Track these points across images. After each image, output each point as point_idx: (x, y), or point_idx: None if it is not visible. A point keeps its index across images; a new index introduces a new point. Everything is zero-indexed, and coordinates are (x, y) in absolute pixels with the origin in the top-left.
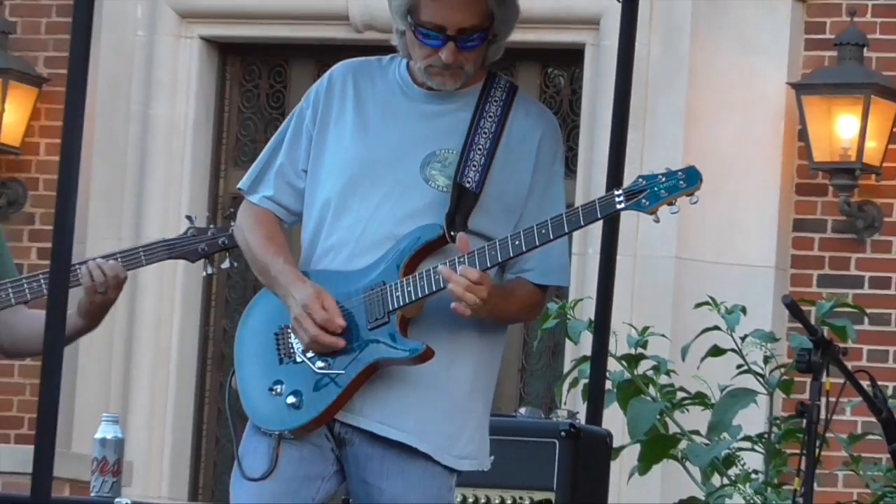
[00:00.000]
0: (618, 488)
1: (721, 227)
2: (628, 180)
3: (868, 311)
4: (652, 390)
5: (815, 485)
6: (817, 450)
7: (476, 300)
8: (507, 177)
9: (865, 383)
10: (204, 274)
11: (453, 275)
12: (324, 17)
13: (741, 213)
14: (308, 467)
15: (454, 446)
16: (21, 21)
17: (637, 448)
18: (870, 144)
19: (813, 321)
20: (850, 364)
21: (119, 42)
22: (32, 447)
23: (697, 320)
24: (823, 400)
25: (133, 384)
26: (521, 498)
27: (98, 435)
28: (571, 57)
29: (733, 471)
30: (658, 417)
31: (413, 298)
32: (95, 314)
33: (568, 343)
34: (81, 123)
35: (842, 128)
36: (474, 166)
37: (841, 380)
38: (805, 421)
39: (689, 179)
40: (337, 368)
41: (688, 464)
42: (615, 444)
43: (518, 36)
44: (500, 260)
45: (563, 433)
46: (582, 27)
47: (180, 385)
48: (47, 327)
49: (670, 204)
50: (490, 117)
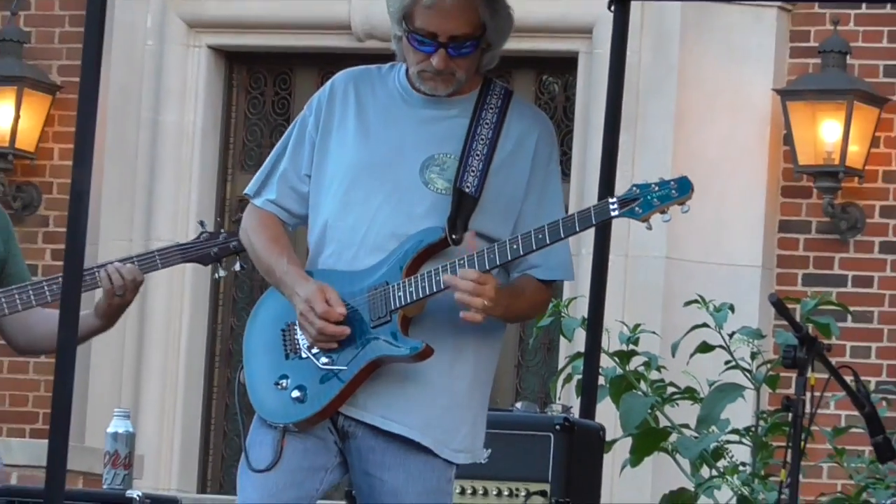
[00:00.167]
0: (610, 480)
1: (709, 228)
2: (620, 182)
3: (851, 309)
4: (643, 385)
5: (801, 476)
6: (802, 442)
7: (483, 303)
8: (505, 179)
9: (849, 378)
10: (216, 276)
11: (458, 283)
12: (327, 27)
13: (728, 215)
14: (312, 459)
15: (453, 440)
16: (35, 31)
17: (629, 441)
18: (853, 148)
19: (798, 319)
20: (834, 360)
21: (129, 51)
22: (47, 441)
23: (687, 318)
24: (808, 394)
25: (144, 380)
26: (518, 489)
27: (110, 429)
28: (565, 64)
29: (722, 463)
30: (649, 411)
31: (415, 298)
32: (112, 315)
33: (562, 340)
34: (94, 129)
35: (825, 132)
36: (473, 171)
37: (825, 375)
38: (791, 415)
39: (681, 189)
40: (340, 364)
41: (678, 456)
42: (608, 438)
43: (514, 44)
44: (499, 263)
45: (558, 427)
46: (575, 36)
47: (189, 381)
48: (61, 326)
49: (662, 212)
50: (487, 123)
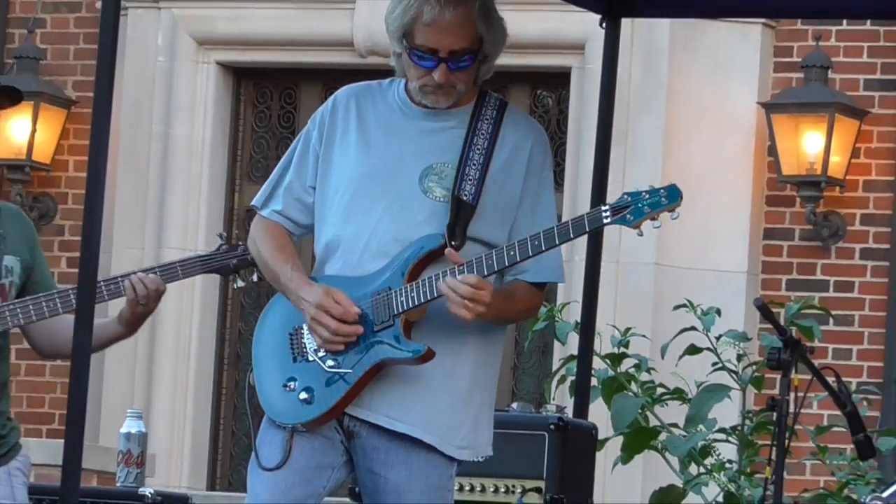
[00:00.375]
0: (603, 477)
1: (697, 236)
2: (611, 193)
3: (833, 313)
4: (634, 386)
5: (785, 473)
6: (787, 441)
7: (480, 309)
8: (501, 186)
9: (831, 379)
10: (234, 286)
11: (458, 287)
12: (330, 44)
13: (715, 223)
14: (319, 458)
15: (455, 437)
16: (51, 48)
17: (620, 440)
18: (834, 159)
19: (782, 322)
20: (817, 361)
21: (141, 67)
22: (63, 441)
23: (675, 322)
24: (792, 395)
25: (155, 383)
26: (514, 486)
27: (123, 429)
28: (559, 80)
29: (709, 460)
30: (639, 411)
31: (416, 303)
32: (135, 323)
33: (556, 343)
34: (107, 142)
35: (808, 144)
36: (470, 180)
37: (808, 376)
38: (775, 414)
39: (671, 197)
40: (346, 367)
41: (667, 454)
42: (600, 436)
43: (509, 60)
44: (497, 269)
45: (552, 426)
46: (568, 52)
47: (199, 383)
48: (76, 331)
49: (653, 219)
50: (483, 134)
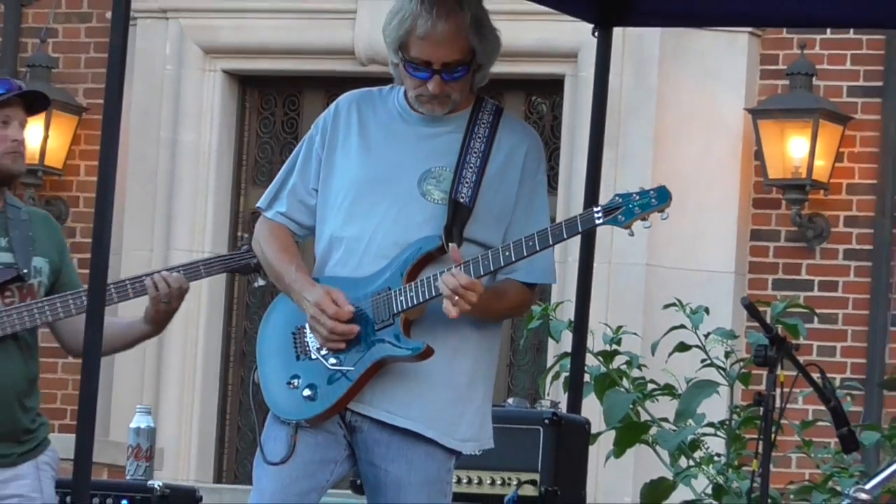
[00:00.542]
0: (595, 470)
1: (686, 237)
2: (604, 196)
3: (817, 312)
4: (625, 382)
5: (771, 466)
6: (773, 435)
7: (465, 307)
8: (497, 189)
9: (816, 376)
10: (255, 285)
11: (449, 282)
12: (332, 53)
13: (704, 225)
14: (323, 452)
15: (457, 430)
16: (63, 57)
17: (612, 434)
18: (818, 163)
19: (768, 320)
20: (802, 358)
21: (150, 75)
22: (74, 436)
23: (665, 320)
24: (778, 390)
25: (164, 379)
26: (510, 478)
27: (133, 424)
28: (552, 87)
29: (698, 454)
30: (631, 407)
31: (415, 303)
32: (160, 321)
33: (550, 341)
34: (117, 148)
35: (793, 148)
36: (467, 183)
37: (794, 372)
38: (762, 409)
39: (661, 198)
40: (348, 365)
41: (658, 448)
42: (593, 431)
43: (505, 68)
44: (493, 269)
45: (547, 421)
46: (562, 60)
47: (206, 379)
48: (86, 330)
49: (643, 220)
50: (479, 138)
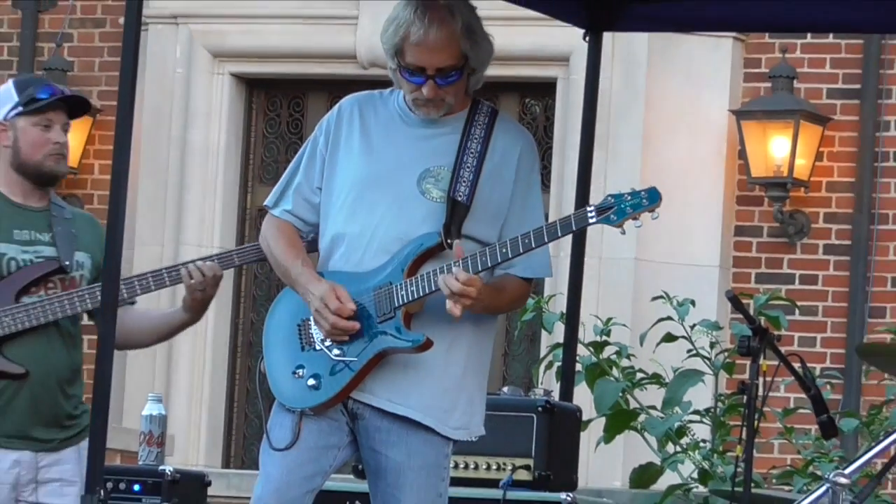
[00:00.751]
0: (586, 455)
1: (673, 233)
2: (594, 193)
3: (798, 304)
4: (615, 372)
5: (755, 451)
6: (756, 422)
7: (466, 302)
8: (492, 188)
9: (797, 365)
10: None
11: (449, 283)
12: (335, 56)
13: (690, 221)
14: (326, 438)
15: (450, 419)
16: (78, 60)
17: (603, 421)
18: (799, 162)
19: (752, 312)
20: (784, 349)
21: (161, 78)
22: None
23: (653, 312)
24: (761, 379)
25: (174, 368)
26: (505, 463)
27: (145, 412)
28: (545, 89)
29: (684, 440)
30: (620, 395)
31: (415, 297)
32: (197, 309)
33: (543, 332)
34: (129, 147)
35: (775, 148)
36: (464, 181)
37: (776, 362)
38: (745, 397)
39: (651, 198)
40: (350, 356)
41: (646, 434)
42: (584, 418)
43: (499, 71)
44: (490, 265)
45: (540, 408)
46: (554, 64)
47: (215, 369)
48: (101, 320)
49: (635, 219)
50: (475, 138)
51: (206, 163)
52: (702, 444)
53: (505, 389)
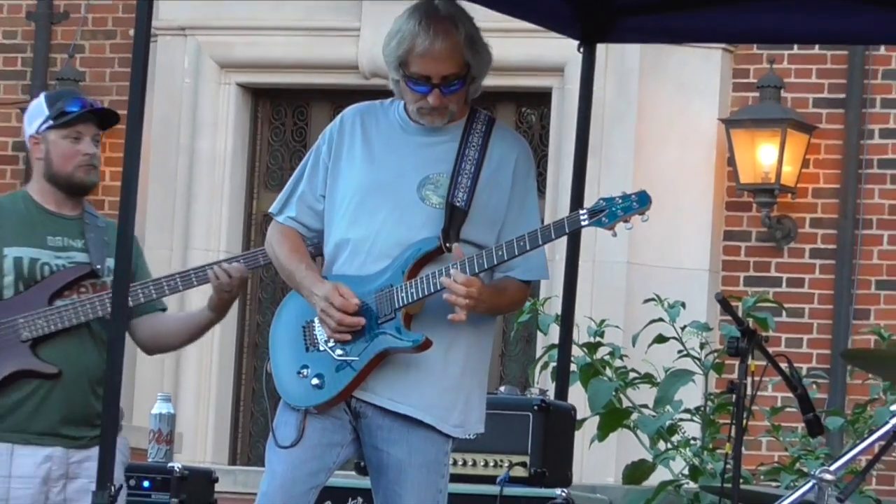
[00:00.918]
0: (581, 452)
1: (664, 238)
2: (588, 199)
3: (785, 306)
4: (608, 372)
5: (743, 449)
6: (745, 420)
7: (468, 303)
8: (490, 193)
9: (784, 365)
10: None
11: (449, 285)
12: (338, 67)
13: (681, 226)
14: (330, 436)
15: (450, 417)
16: (89, 71)
17: (596, 419)
18: (786, 169)
19: (740, 314)
20: (771, 349)
21: (170, 88)
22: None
23: (645, 314)
24: (749, 379)
25: (183, 369)
26: (502, 460)
27: (154, 410)
28: (541, 99)
29: (675, 438)
30: (613, 394)
31: (415, 298)
32: (222, 308)
33: (539, 333)
34: (139, 154)
35: (763, 155)
36: (462, 188)
37: (763, 362)
38: (734, 396)
39: (641, 201)
40: (353, 356)
41: (638, 432)
42: (578, 417)
43: (496, 81)
44: (487, 267)
45: (536, 407)
46: (549, 74)
47: (221, 369)
48: (112, 321)
49: (626, 222)
50: (473, 146)
51: (213, 170)
52: (692, 442)
53: (502, 389)
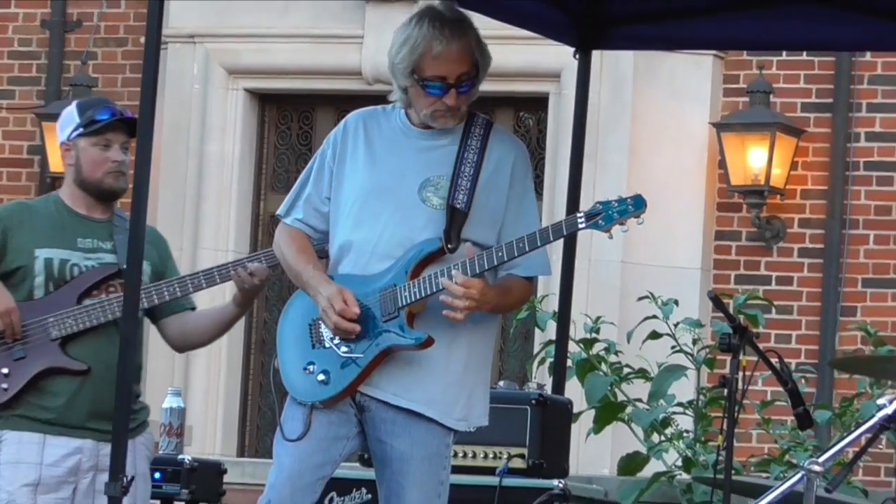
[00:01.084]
0: (577, 445)
1: (658, 238)
2: (584, 201)
3: (775, 304)
4: (604, 367)
5: (734, 441)
6: (736, 413)
7: (467, 303)
8: (489, 195)
9: (774, 360)
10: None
11: (449, 286)
12: (342, 73)
13: (673, 226)
14: (336, 430)
15: (453, 411)
16: (102, 77)
17: (592, 413)
18: (775, 171)
19: (731, 311)
20: (762, 345)
21: (179, 93)
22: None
23: (639, 311)
24: (740, 374)
25: (192, 364)
26: (501, 453)
27: (165, 405)
28: (538, 104)
29: (669, 430)
30: (609, 388)
31: (418, 297)
32: (246, 303)
33: (537, 330)
34: (150, 158)
35: (753, 158)
36: (462, 189)
37: (754, 358)
38: (726, 390)
39: (637, 205)
40: (358, 352)
41: (633, 425)
42: (575, 410)
43: (495, 87)
44: (487, 267)
45: (534, 401)
46: (546, 80)
47: (230, 364)
48: (123, 320)
49: (622, 224)
50: (472, 149)
51: (222, 173)
52: (685, 434)
53: (501, 384)
